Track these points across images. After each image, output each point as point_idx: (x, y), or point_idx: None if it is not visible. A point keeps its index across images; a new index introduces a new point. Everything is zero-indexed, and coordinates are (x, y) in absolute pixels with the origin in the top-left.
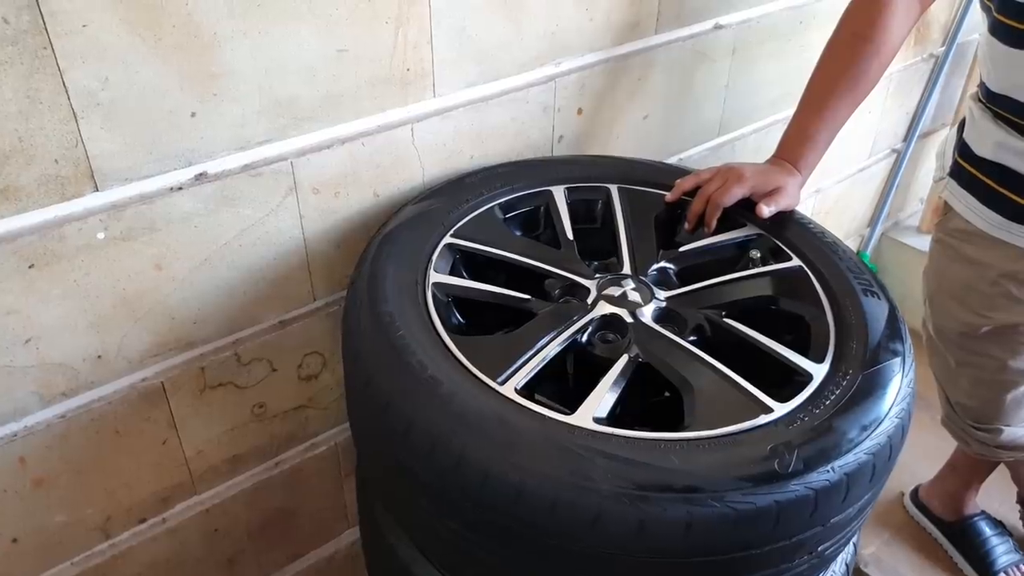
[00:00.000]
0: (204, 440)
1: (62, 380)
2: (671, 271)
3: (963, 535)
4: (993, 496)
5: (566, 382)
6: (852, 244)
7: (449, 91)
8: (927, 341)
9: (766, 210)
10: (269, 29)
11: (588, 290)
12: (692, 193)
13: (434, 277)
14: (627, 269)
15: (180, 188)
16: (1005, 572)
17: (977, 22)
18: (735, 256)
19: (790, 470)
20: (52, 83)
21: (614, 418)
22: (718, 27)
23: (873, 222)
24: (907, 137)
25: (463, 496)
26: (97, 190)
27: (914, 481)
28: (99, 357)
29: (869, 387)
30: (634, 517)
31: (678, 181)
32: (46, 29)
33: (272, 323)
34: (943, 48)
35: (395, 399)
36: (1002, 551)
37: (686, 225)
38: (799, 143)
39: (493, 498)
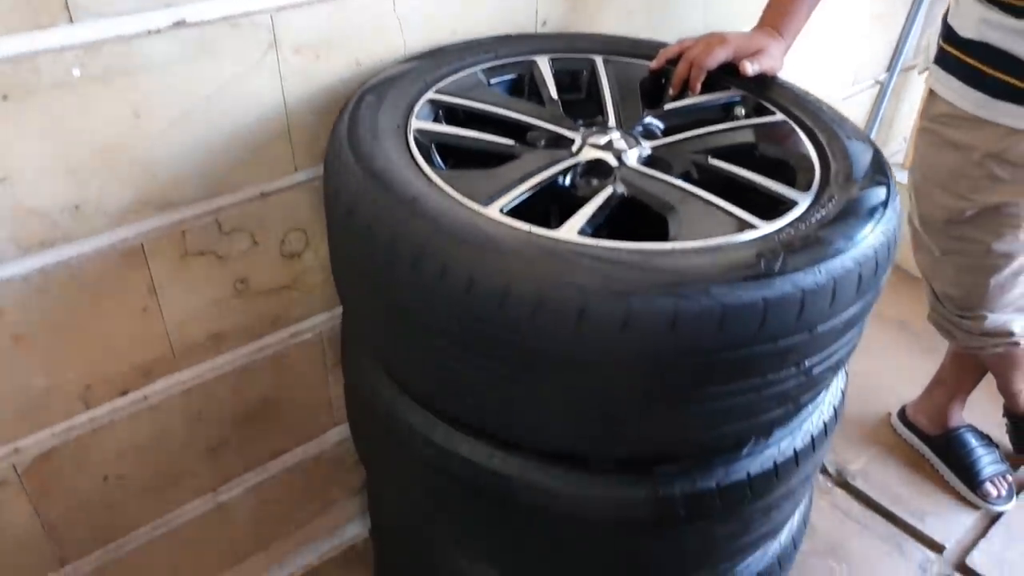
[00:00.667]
0: (185, 311)
1: (39, 228)
2: (656, 127)
3: (949, 447)
4: (977, 412)
5: (550, 221)
6: None
7: None
8: (912, 235)
9: (750, 68)
10: None
11: (573, 140)
12: (677, 61)
13: (416, 124)
14: (612, 123)
15: (158, 31)
16: (991, 481)
17: None
18: (720, 116)
19: (777, 269)
20: None
21: (599, 235)
22: None
23: None
24: (890, 68)
25: (448, 307)
26: (72, 22)
27: (900, 403)
28: (77, 207)
29: (854, 208)
30: (619, 312)
31: (662, 50)
32: None
33: (254, 193)
34: None
35: (376, 219)
36: (988, 461)
37: (671, 89)
38: (780, 11)
39: (479, 303)
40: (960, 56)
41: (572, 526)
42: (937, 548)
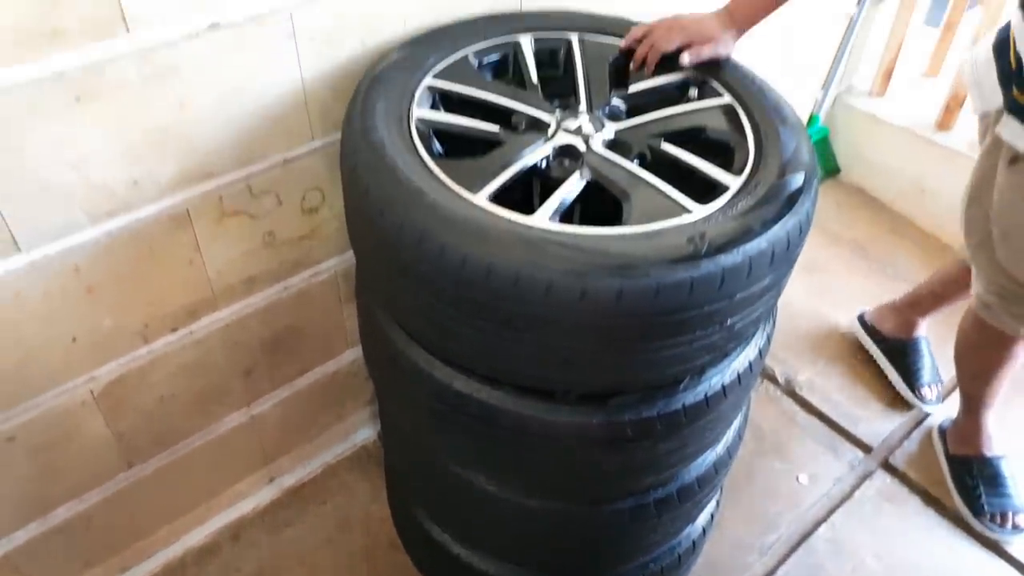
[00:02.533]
0: (223, 262)
1: (106, 202)
2: (621, 108)
3: (904, 352)
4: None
5: (530, 198)
6: (805, 107)
7: None
8: (987, 263)
9: (686, 59)
10: None
11: (548, 124)
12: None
13: (417, 112)
14: (583, 107)
15: (198, 35)
16: (928, 386)
17: None
18: (677, 95)
19: (702, 252)
20: None
21: (567, 220)
22: None
23: (825, 84)
24: (859, 2)
25: (445, 278)
26: (128, 31)
27: (850, 321)
28: (135, 183)
29: (774, 194)
30: (577, 287)
31: (631, 30)
32: None
33: (278, 160)
34: None
35: (388, 207)
36: (929, 369)
37: (632, 66)
38: (741, 2)
39: (469, 277)
40: None
41: (542, 443)
42: (866, 448)
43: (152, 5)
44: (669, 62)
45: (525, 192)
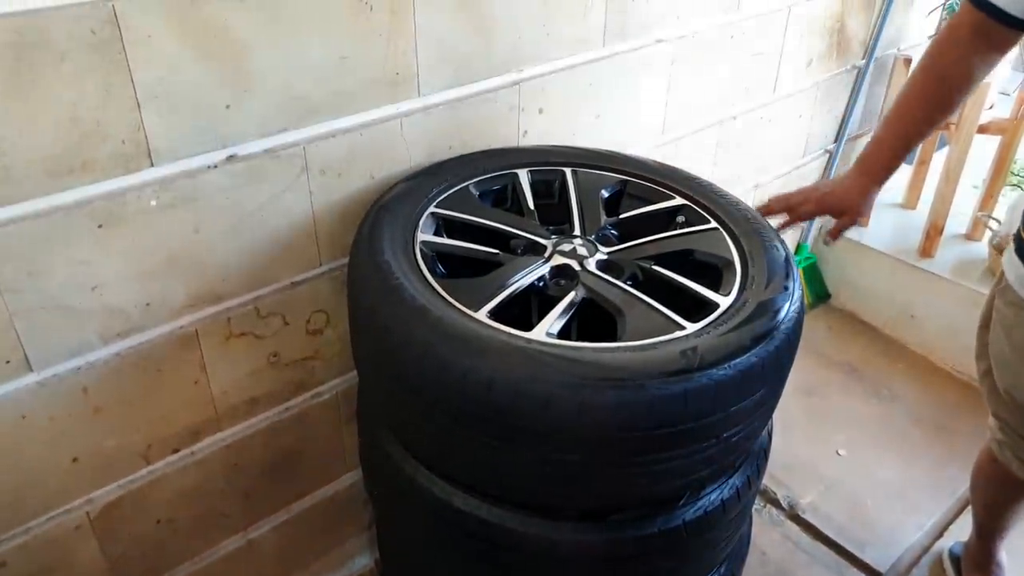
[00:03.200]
0: (228, 382)
1: (118, 323)
2: (613, 233)
3: None
4: None
5: (529, 318)
6: (793, 236)
7: (431, 92)
8: (990, 391)
9: (831, 241)
10: (288, 40)
11: (545, 247)
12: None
13: (421, 237)
14: (577, 231)
15: (215, 167)
16: None
17: (892, 37)
18: (666, 221)
19: (695, 366)
20: (123, 80)
21: (564, 336)
22: (659, 41)
23: None
24: (837, 139)
25: (447, 393)
26: (152, 165)
27: (847, 442)
28: (148, 305)
29: (762, 311)
30: (576, 399)
31: (774, 197)
32: (122, 39)
33: (286, 283)
34: (864, 60)
35: (393, 323)
36: None
37: (762, 211)
38: (876, 160)
39: (471, 390)
40: None
41: (543, 562)
42: (875, 574)
43: (177, 140)
44: (660, 196)
45: (524, 310)
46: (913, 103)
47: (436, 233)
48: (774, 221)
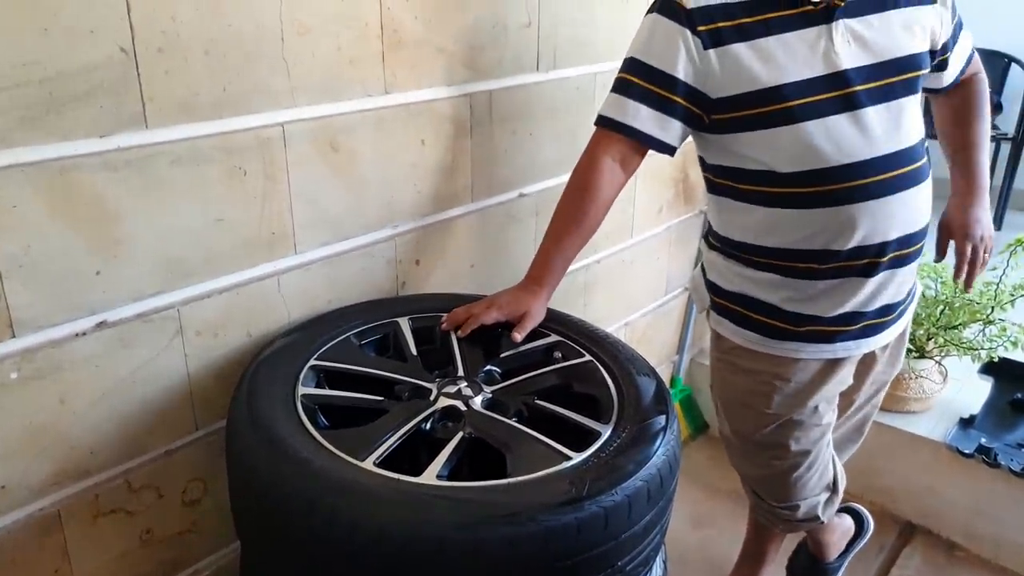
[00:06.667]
0: (94, 568)
1: None
2: (496, 372)
3: None
4: None
5: (417, 462)
6: (666, 369)
7: (308, 249)
8: (727, 445)
9: (517, 337)
10: (162, 205)
11: (430, 390)
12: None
13: (303, 390)
14: (461, 373)
15: (84, 334)
16: None
17: None
18: (544, 357)
19: (584, 494)
20: None
21: (455, 477)
22: (522, 195)
23: (680, 349)
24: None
25: (336, 550)
26: (14, 336)
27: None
28: (3, 488)
29: (641, 437)
30: (470, 540)
31: (454, 311)
32: None
33: (160, 452)
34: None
35: (275, 479)
36: None
37: (443, 325)
38: (543, 269)
39: (360, 542)
40: (728, 305)
41: None
42: None
43: (42, 309)
44: (536, 335)
45: (413, 455)
46: (567, 217)
47: (318, 385)
48: (461, 331)
